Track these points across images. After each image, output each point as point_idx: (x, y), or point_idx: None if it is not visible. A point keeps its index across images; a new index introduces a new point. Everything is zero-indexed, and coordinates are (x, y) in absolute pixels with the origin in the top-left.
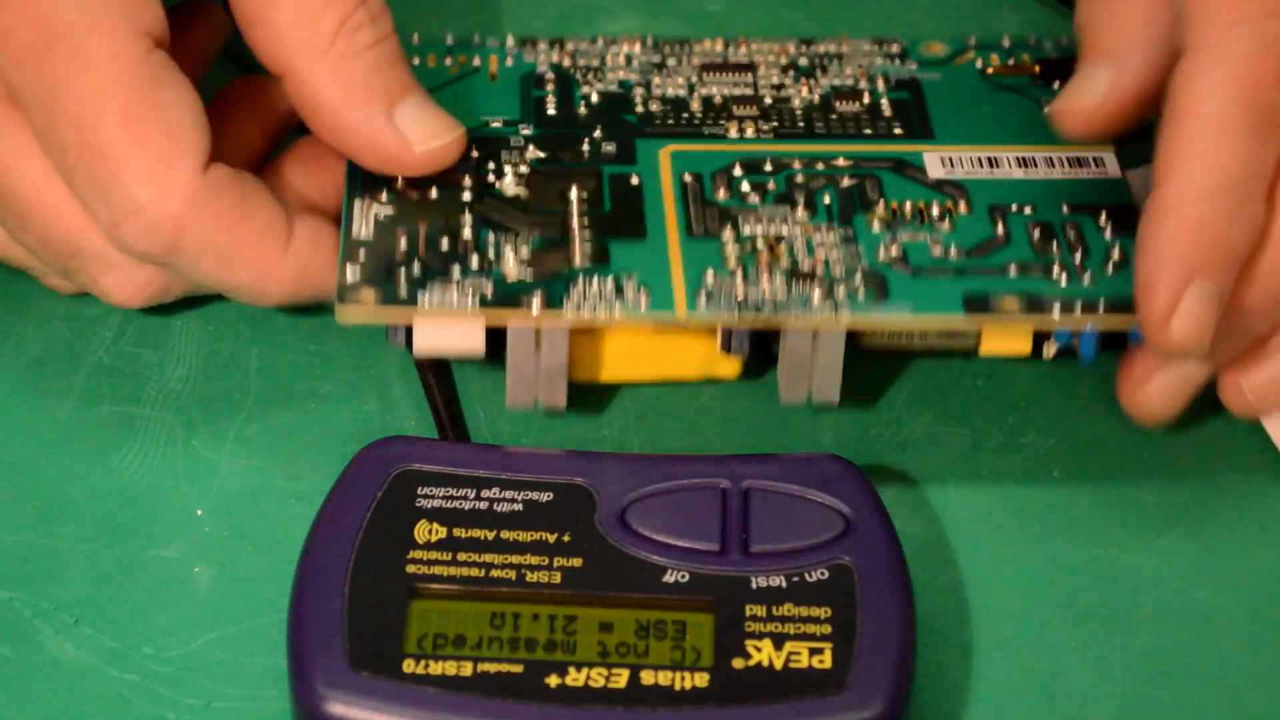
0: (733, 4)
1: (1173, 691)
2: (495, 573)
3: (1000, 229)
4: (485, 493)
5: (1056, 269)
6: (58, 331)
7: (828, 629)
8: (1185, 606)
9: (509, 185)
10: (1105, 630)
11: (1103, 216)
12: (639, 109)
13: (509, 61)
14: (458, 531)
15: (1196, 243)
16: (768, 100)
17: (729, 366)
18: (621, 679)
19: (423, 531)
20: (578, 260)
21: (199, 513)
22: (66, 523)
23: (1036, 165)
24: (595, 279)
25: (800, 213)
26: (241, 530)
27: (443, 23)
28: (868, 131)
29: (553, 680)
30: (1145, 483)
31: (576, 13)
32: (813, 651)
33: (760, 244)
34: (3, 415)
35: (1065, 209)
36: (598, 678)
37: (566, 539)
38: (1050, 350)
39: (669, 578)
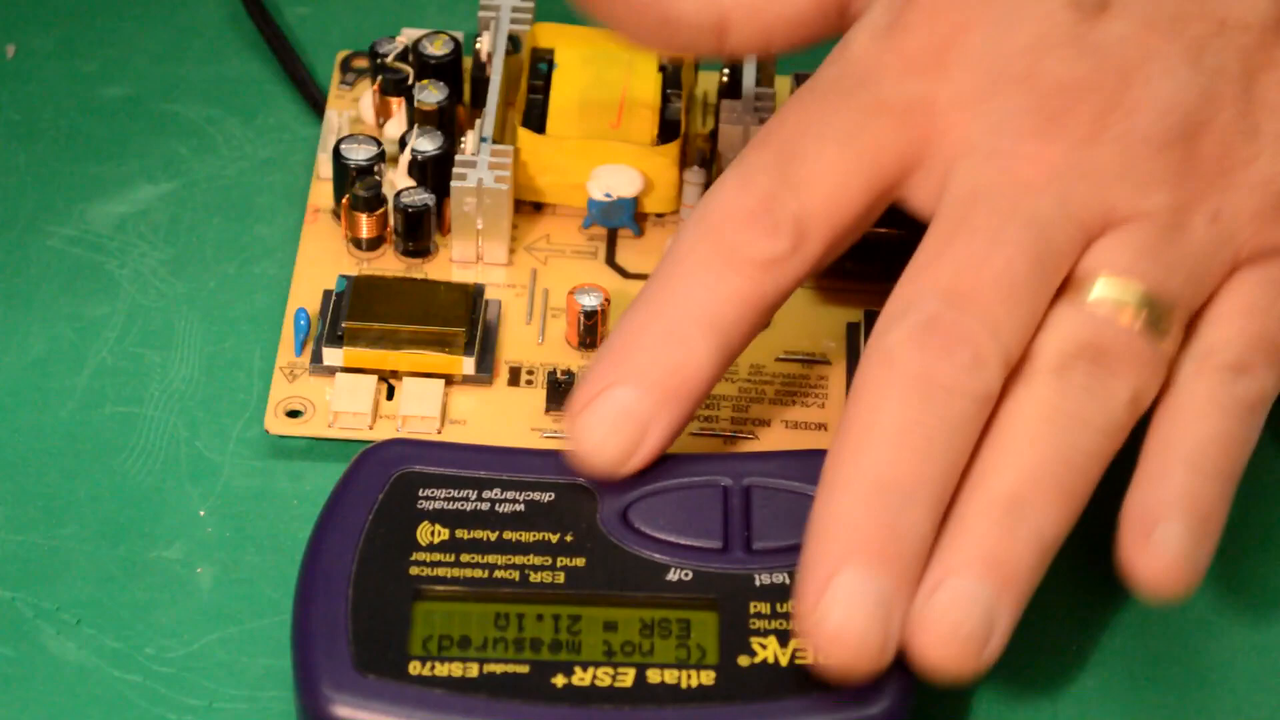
0: None
1: (1174, 696)
2: (499, 573)
3: None
4: (487, 494)
5: None
6: (61, 332)
7: None
8: (1186, 610)
9: None
10: (1107, 635)
11: None
12: None
13: None
14: (460, 533)
15: None
16: None
17: None
18: (628, 678)
19: (425, 533)
20: None
21: (201, 513)
22: (69, 523)
23: None
24: None
25: None
26: (244, 531)
27: (445, 23)
28: None
29: (559, 680)
30: None
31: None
32: None
33: None
34: (6, 415)
35: None
36: (604, 677)
37: (569, 539)
38: None
39: (672, 576)
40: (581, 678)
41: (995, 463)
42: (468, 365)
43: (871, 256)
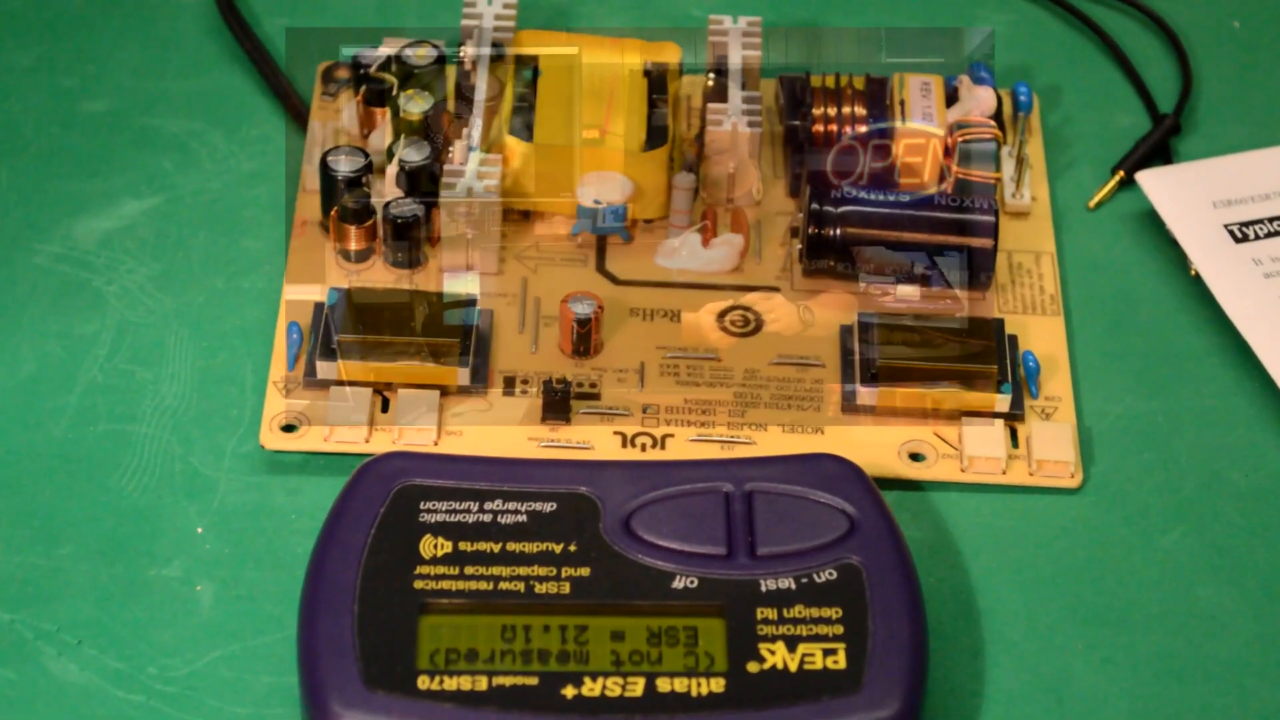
0: (716, 6)
1: (1180, 691)
2: (504, 585)
3: None
4: (488, 505)
5: None
6: (51, 350)
7: (840, 629)
8: (1190, 606)
9: None
10: (1111, 632)
11: None
12: None
13: None
14: (463, 545)
15: None
16: None
17: None
18: (638, 687)
19: (428, 546)
20: None
21: (199, 530)
22: (66, 543)
23: None
24: None
25: None
26: (243, 547)
27: (427, 32)
28: None
29: (569, 691)
30: (1147, 483)
31: (562, 18)
32: (826, 652)
33: None
34: None
35: None
36: (614, 687)
37: (573, 548)
38: None
39: (678, 583)
40: (591, 688)
41: None
42: (462, 376)
43: (862, 259)
